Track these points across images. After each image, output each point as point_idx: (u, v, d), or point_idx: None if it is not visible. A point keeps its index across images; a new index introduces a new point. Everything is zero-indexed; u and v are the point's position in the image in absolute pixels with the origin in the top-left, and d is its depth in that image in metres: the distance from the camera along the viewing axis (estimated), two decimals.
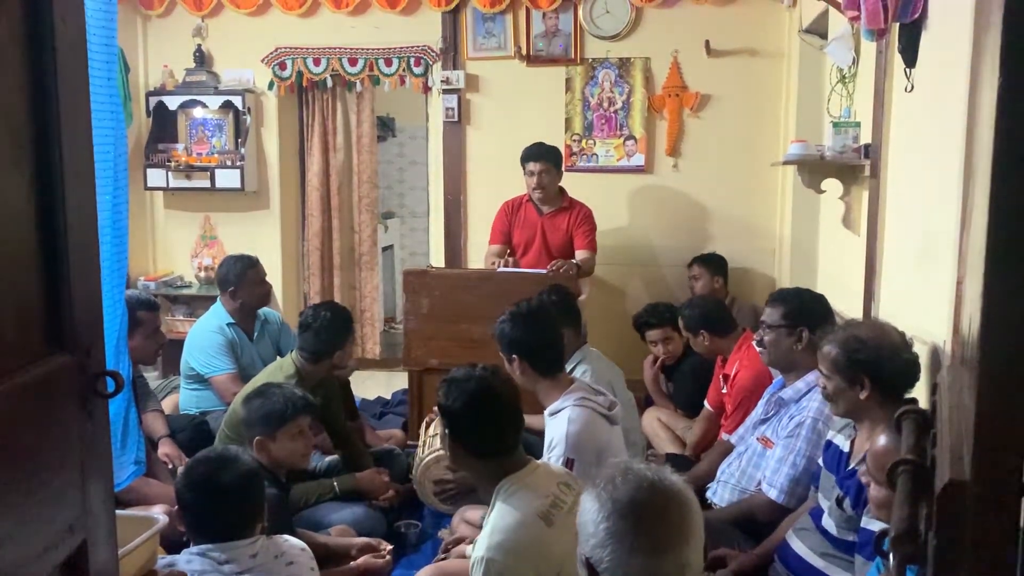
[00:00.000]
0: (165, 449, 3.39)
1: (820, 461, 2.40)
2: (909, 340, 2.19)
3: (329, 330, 3.29)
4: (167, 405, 3.91)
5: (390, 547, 2.84)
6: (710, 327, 3.52)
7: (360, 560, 2.72)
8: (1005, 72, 0.79)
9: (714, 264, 4.49)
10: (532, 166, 4.30)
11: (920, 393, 2.21)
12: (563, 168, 4.44)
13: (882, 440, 1.74)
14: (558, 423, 2.48)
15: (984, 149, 0.89)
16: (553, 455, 2.42)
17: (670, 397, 4.03)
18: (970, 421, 0.86)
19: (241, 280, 3.92)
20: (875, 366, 2.11)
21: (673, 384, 4.05)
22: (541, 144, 4.35)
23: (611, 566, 1.31)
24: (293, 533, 2.39)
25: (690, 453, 3.54)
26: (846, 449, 2.25)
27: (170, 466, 3.30)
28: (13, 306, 1.23)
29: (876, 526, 1.92)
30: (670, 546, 1.32)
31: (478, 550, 1.89)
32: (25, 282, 1.27)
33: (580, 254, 4.31)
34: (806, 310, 2.75)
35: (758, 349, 2.93)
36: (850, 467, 2.16)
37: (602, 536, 1.33)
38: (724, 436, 3.26)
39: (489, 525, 1.92)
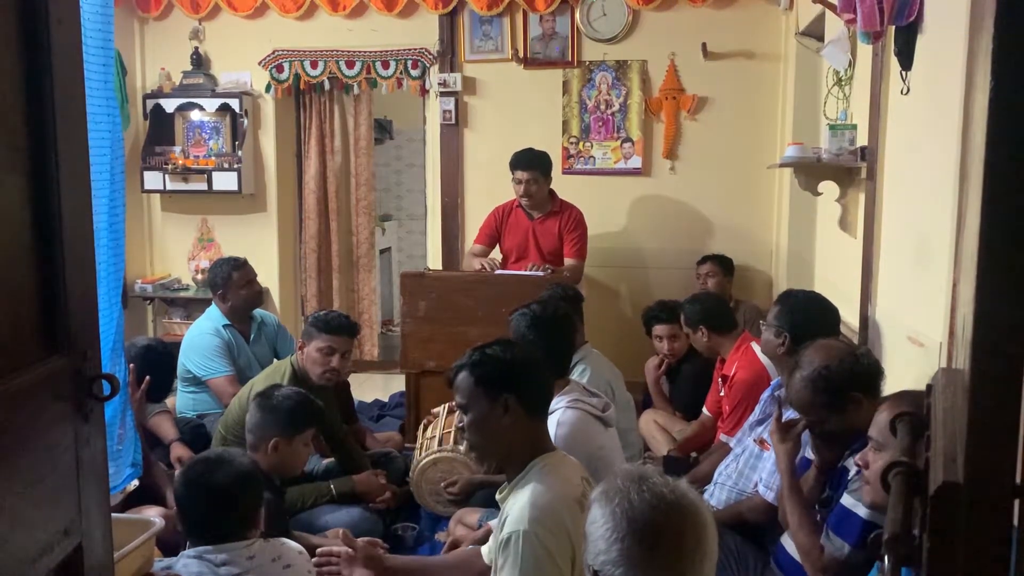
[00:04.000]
0: (177, 452, 3.39)
1: (810, 457, 2.40)
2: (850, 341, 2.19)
3: (319, 318, 3.34)
4: None
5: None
6: (710, 324, 3.51)
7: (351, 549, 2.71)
8: (996, 75, 0.80)
9: (726, 264, 4.51)
10: (520, 174, 4.30)
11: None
12: (551, 175, 4.41)
13: (885, 413, 1.74)
14: (549, 425, 2.48)
15: (977, 152, 0.89)
16: None
17: (670, 399, 4.03)
18: (963, 423, 0.86)
19: (227, 282, 3.93)
20: (853, 378, 2.11)
21: (674, 386, 4.05)
22: (529, 151, 4.33)
23: None
24: (289, 536, 2.39)
25: (675, 447, 3.54)
26: None
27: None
28: (9, 309, 1.23)
29: (861, 511, 1.92)
30: (685, 570, 1.30)
31: (515, 524, 1.83)
32: (21, 285, 1.27)
33: (568, 262, 4.33)
34: (797, 319, 2.74)
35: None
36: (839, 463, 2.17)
37: (615, 556, 1.29)
38: (722, 437, 3.26)
39: (524, 501, 1.85)
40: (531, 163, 4.30)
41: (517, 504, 1.87)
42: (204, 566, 2.01)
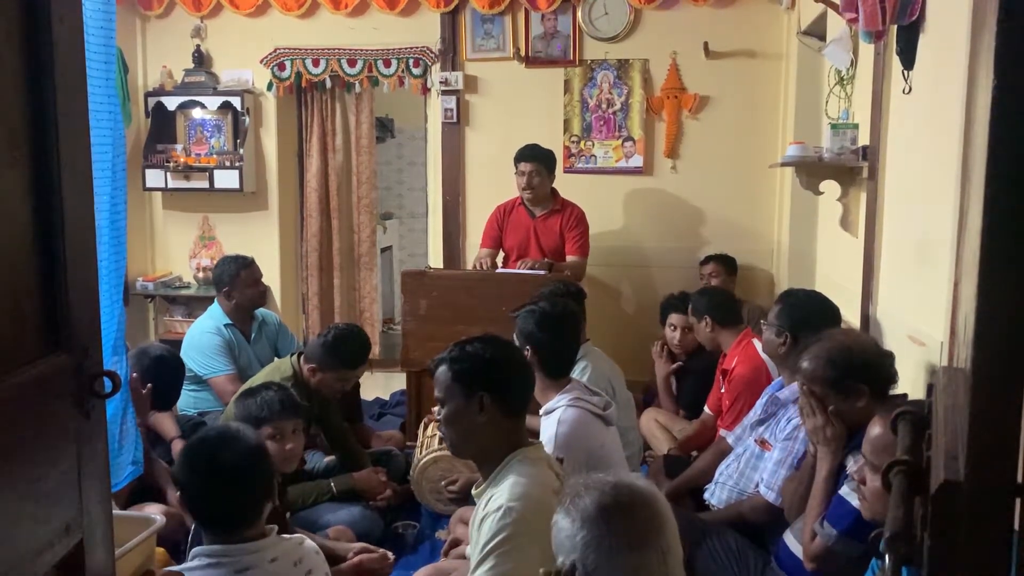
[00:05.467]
0: (179, 450, 3.39)
1: None
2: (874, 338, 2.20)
3: (338, 349, 3.26)
4: None
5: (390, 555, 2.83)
6: (714, 314, 3.55)
7: (357, 559, 2.71)
8: (998, 74, 0.80)
9: (730, 264, 4.53)
10: (523, 166, 4.32)
11: (918, 394, 2.21)
12: (555, 172, 4.44)
13: (877, 429, 1.74)
14: (550, 423, 2.49)
15: (979, 151, 0.89)
16: None
17: (676, 397, 4.03)
18: (964, 422, 0.86)
19: (234, 280, 3.93)
20: (868, 370, 2.11)
21: (680, 384, 4.05)
22: (535, 146, 4.36)
23: (597, 572, 1.33)
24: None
25: (675, 447, 3.54)
26: None
27: None
28: (10, 306, 1.23)
29: (855, 500, 1.93)
30: (647, 538, 1.36)
31: (498, 500, 1.83)
32: (23, 282, 1.27)
33: (570, 259, 4.33)
34: (798, 318, 2.75)
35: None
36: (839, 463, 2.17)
37: (581, 548, 1.36)
38: (722, 432, 3.27)
39: (505, 484, 1.86)
40: (534, 155, 4.31)
41: (499, 488, 1.88)
42: (222, 573, 1.84)
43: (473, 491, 2.02)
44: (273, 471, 2.03)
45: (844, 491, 1.99)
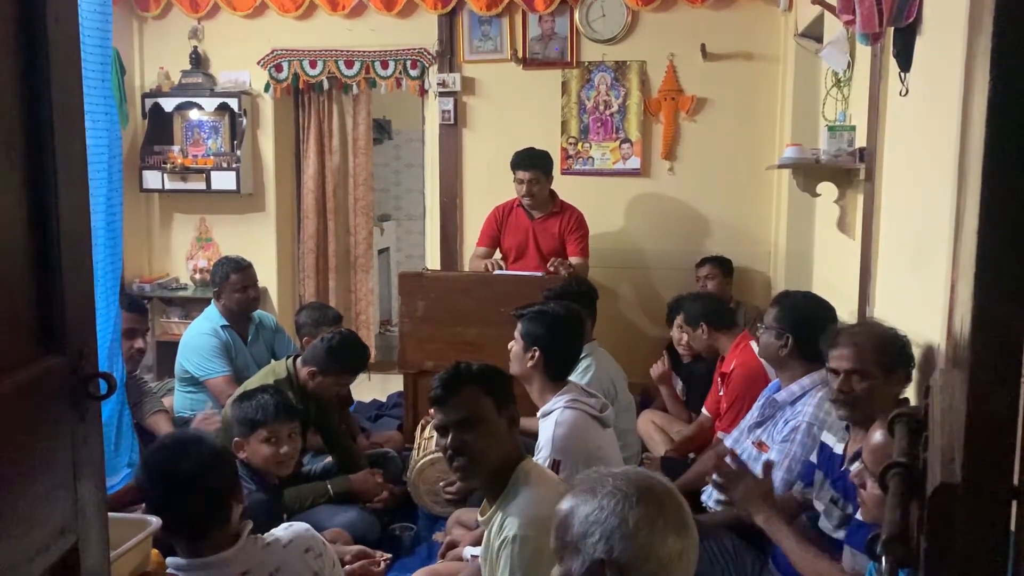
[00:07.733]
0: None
1: (814, 461, 2.41)
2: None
3: (342, 354, 3.25)
4: None
5: (387, 556, 2.82)
6: (710, 320, 3.55)
7: (356, 565, 2.70)
8: (994, 76, 0.80)
9: (726, 266, 4.53)
10: (521, 174, 4.30)
11: (915, 396, 2.21)
12: (553, 174, 4.43)
13: (878, 436, 1.74)
14: (547, 425, 2.49)
15: (975, 153, 0.89)
16: (540, 457, 2.43)
17: (684, 400, 4.00)
18: (961, 424, 0.86)
19: (224, 282, 3.93)
20: (908, 357, 2.16)
21: (686, 387, 4.04)
22: (531, 151, 4.33)
23: (643, 554, 1.27)
24: None
25: (672, 449, 3.54)
26: (839, 451, 2.26)
27: None
28: (5, 307, 1.23)
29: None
30: (688, 523, 1.32)
31: (509, 530, 1.82)
32: (17, 283, 1.26)
33: (572, 260, 4.33)
34: (798, 318, 2.75)
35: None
36: (843, 467, 2.17)
37: (633, 527, 1.26)
38: (720, 435, 3.27)
39: (517, 505, 1.86)
40: (533, 163, 4.30)
41: (510, 510, 1.87)
42: None
43: (480, 517, 2.01)
44: (235, 473, 1.99)
45: (859, 515, 1.97)
